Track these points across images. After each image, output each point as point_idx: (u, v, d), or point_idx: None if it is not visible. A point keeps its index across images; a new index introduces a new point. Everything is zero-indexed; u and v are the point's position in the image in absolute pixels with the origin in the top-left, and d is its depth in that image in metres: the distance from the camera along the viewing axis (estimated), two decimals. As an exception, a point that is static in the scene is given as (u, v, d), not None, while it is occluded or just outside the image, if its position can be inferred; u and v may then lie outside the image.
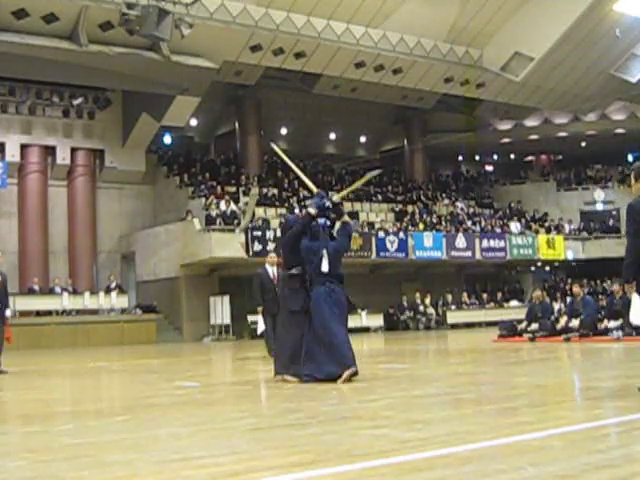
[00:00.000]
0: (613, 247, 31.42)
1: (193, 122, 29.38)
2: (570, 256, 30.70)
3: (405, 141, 34.31)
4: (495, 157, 39.33)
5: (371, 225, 26.96)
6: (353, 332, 12.52)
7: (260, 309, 12.45)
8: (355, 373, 7.55)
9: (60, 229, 25.29)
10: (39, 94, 24.57)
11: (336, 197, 9.16)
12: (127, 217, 26.92)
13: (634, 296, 6.03)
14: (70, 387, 9.47)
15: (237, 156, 29.74)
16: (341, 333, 7.75)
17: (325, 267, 7.98)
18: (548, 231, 31.58)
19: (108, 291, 23.48)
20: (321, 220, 8.29)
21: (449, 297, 27.82)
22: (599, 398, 6.12)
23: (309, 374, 7.66)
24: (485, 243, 28.18)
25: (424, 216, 29.38)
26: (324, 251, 8.02)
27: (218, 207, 24.19)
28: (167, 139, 28.97)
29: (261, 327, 12.65)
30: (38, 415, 6.28)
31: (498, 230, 30.02)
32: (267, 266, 12.59)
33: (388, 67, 26.00)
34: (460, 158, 39.02)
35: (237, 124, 29.67)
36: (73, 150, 25.49)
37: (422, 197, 31.63)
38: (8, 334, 11.16)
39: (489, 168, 39.42)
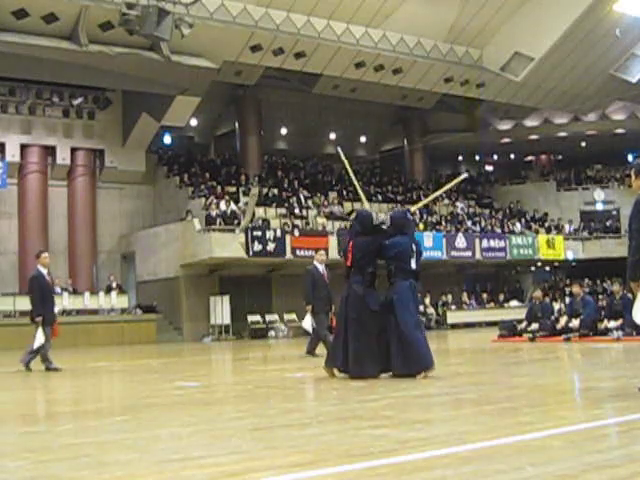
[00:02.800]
0: (613, 247, 31.43)
1: (193, 122, 29.36)
2: (570, 256, 30.70)
3: (405, 141, 34.31)
4: (495, 157, 39.33)
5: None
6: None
7: (309, 307, 12.17)
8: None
9: (60, 229, 25.29)
10: (39, 94, 24.58)
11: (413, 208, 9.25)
12: (127, 217, 26.92)
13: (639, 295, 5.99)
14: (70, 387, 9.46)
15: (237, 156, 29.74)
16: (421, 332, 7.99)
17: (414, 264, 8.02)
18: (548, 231, 31.59)
19: (108, 291, 23.48)
20: (409, 215, 8.37)
21: (449, 297, 27.82)
22: (599, 398, 6.12)
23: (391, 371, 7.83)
24: (485, 243, 28.18)
25: (424, 216, 29.37)
26: (414, 247, 8.08)
27: (218, 207, 24.19)
28: (167, 139, 28.98)
29: (308, 325, 12.30)
30: (38, 415, 6.28)
31: (498, 230, 30.03)
32: (316, 264, 12.36)
33: (388, 67, 26.00)
34: (460, 158, 39.02)
35: (237, 124, 29.67)
36: (73, 150, 25.49)
37: (422, 197, 31.60)
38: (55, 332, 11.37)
39: (489, 168, 39.42)
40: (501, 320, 18.98)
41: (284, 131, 32.69)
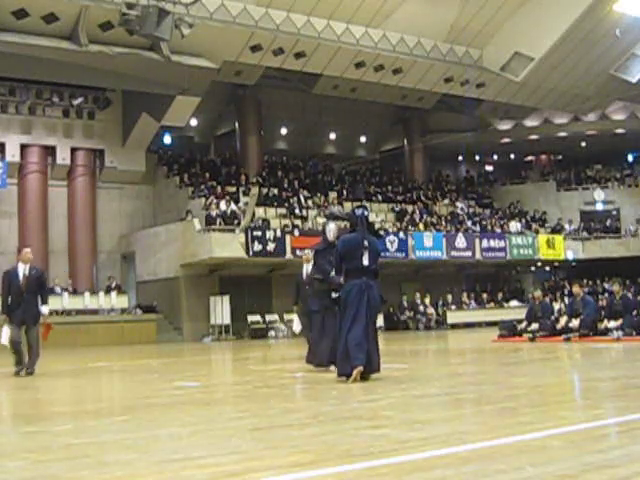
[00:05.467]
0: (613, 247, 31.44)
1: (193, 122, 29.37)
2: (570, 256, 30.70)
3: (405, 141, 34.31)
4: (495, 157, 39.35)
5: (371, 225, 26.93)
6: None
7: (295, 308, 12.23)
8: (370, 371, 7.58)
9: (60, 229, 25.29)
10: (39, 94, 24.57)
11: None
12: (127, 217, 26.92)
13: None
14: (70, 387, 9.46)
15: (237, 156, 29.74)
16: (358, 332, 7.54)
17: (366, 261, 7.73)
18: (549, 231, 31.61)
19: (108, 291, 23.46)
20: (358, 211, 8.05)
21: (449, 297, 27.83)
22: (599, 398, 6.12)
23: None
24: (485, 243, 28.18)
25: (424, 216, 29.37)
26: (366, 242, 7.77)
27: (218, 207, 24.19)
28: (167, 139, 28.97)
29: (297, 327, 12.43)
30: (38, 415, 6.28)
31: (498, 230, 30.03)
32: (304, 264, 12.27)
33: (388, 67, 26.00)
34: (460, 158, 39.04)
35: (237, 124, 29.67)
36: (73, 150, 25.49)
37: (422, 197, 31.63)
38: (44, 331, 10.61)
39: (489, 168, 39.43)
40: (501, 320, 18.98)
41: (284, 131, 32.70)
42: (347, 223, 8.62)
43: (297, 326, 12.32)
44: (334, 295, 8.03)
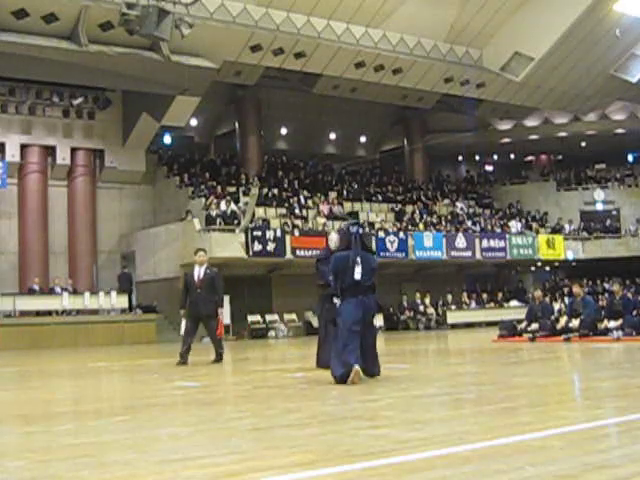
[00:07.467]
0: (613, 247, 31.45)
1: (193, 122, 29.37)
2: (570, 256, 30.70)
3: (405, 141, 34.32)
4: (495, 157, 39.35)
5: (371, 225, 26.99)
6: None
7: (183, 312, 11.84)
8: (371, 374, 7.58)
9: (60, 229, 25.28)
10: (39, 94, 24.57)
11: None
12: (127, 217, 26.91)
13: None
14: (70, 387, 9.46)
15: (237, 156, 29.76)
16: (349, 336, 7.48)
17: (358, 275, 7.60)
18: (549, 231, 31.61)
19: (129, 286, 23.39)
20: (353, 228, 7.96)
21: (449, 297, 27.83)
22: (599, 398, 6.13)
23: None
24: (485, 243, 28.19)
25: (424, 216, 29.37)
26: (358, 259, 7.67)
27: (218, 207, 24.19)
28: (167, 139, 28.96)
29: (182, 329, 12.16)
30: (38, 415, 6.27)
31: (498, 230, 30.03)
32: (196, 266, 11.68)
33: (388, 67, 26.00)
34: (460, 158, 39.04)
35: (237, 124, 29.67)
36: (73, 150, 25.48)
37: (422, 197, 31.63)
38: None
39: (489, 168, 39.44)
40: (501, 320, 18.98)
41: (284, 131, 32.70)
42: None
43: (183, 329, 12.05)
44: (336, 301, 8.03)
